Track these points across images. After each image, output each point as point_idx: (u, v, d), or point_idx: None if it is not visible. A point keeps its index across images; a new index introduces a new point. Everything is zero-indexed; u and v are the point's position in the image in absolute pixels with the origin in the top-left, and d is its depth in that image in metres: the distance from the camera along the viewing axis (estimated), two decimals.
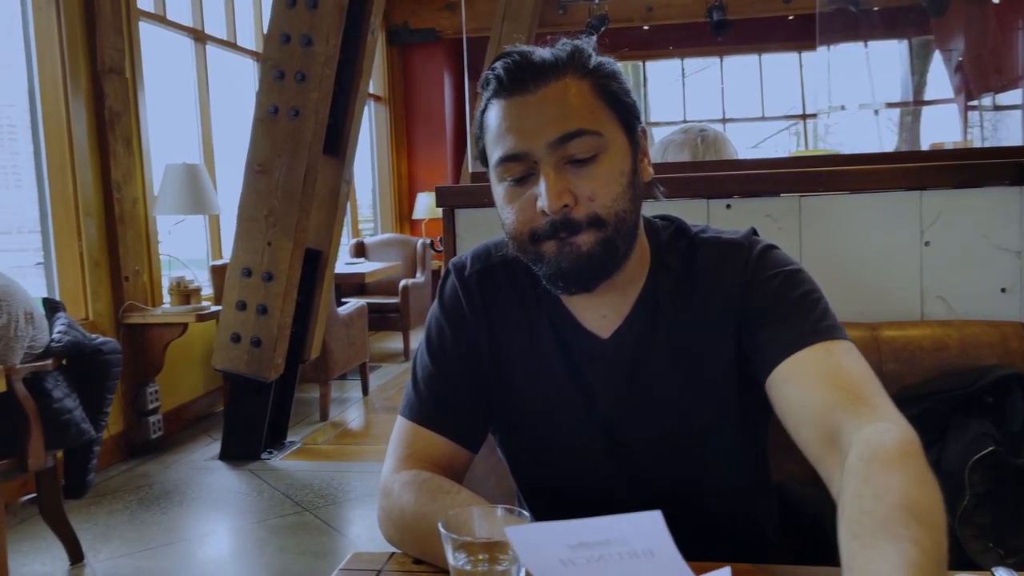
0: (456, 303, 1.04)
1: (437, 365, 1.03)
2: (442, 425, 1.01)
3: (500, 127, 0.91)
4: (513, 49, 0.93)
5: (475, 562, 0.80)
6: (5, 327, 2.51)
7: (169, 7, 4.68)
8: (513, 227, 0.93)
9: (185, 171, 4.11)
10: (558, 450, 1.03)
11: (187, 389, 4.57)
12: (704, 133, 1.77)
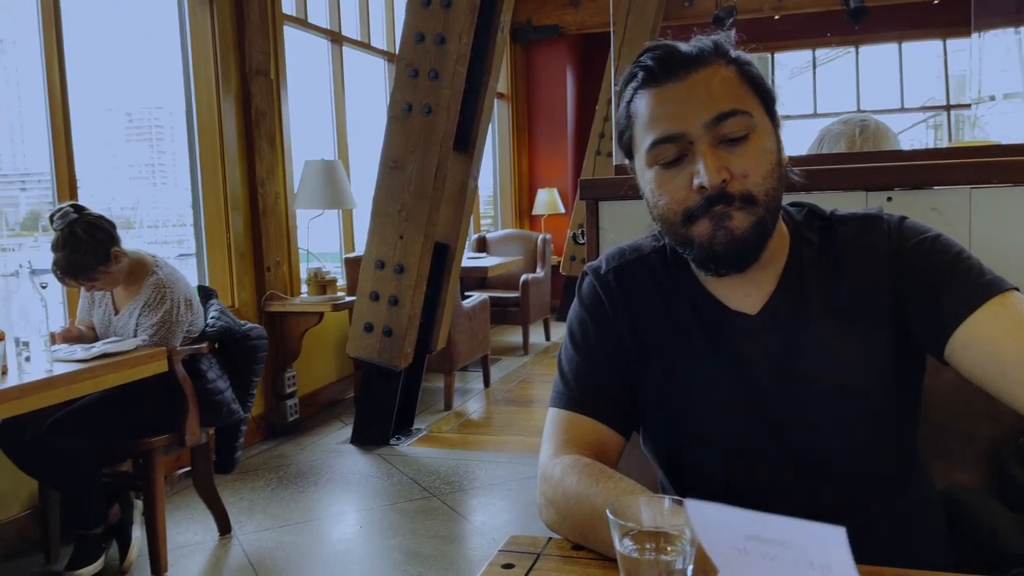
0: (596, 299, 1.08)
1: (583, 356, 1.07)
2: (594, 409, 1.04)
3: (652, 113, 0.95)
4: (657, 43, 0.98)
5: (642, 550, 0.81)
6: (168, 312, 2.71)
7: (310, 11, 4.91)
8: (665, 209, 0.97)
9: (323, 167, 4.31)
10: (711, 433, 1.04)
11: (321, 375, 4.79)
12: (864, 124, 1.69)
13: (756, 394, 1.01)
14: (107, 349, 2.54)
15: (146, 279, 2.72)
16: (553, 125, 8.15)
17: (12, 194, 9.85)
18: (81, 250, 2.54)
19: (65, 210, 2.57)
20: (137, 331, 2.72)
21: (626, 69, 1.00)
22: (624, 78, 1.00)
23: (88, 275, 2.59)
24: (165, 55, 4.10)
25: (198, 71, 4.01)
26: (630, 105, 0.99)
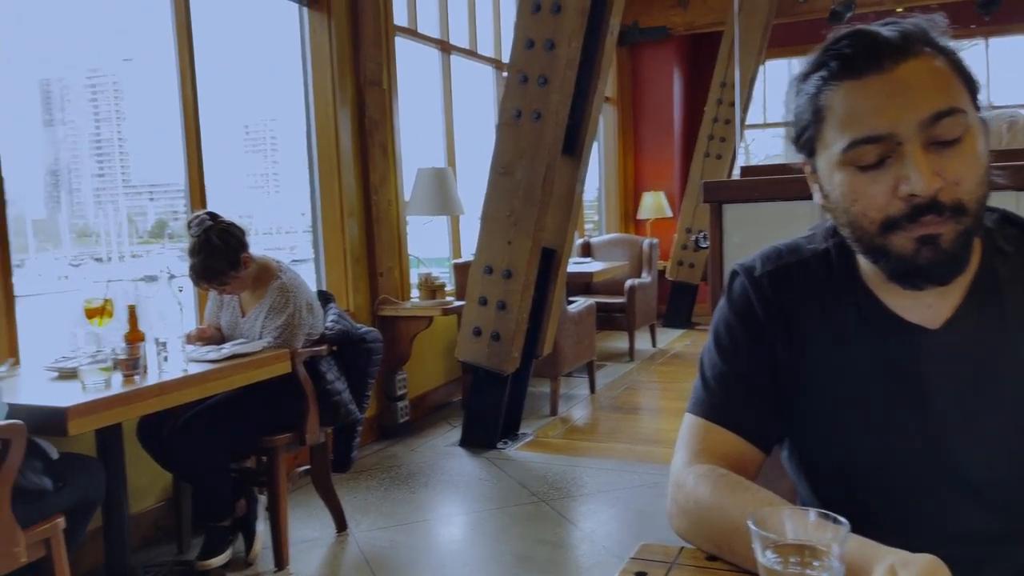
0: (746, 303, 1.02)
1: (728, 363, 1.01)
2: (734, 422, 0.99)
3: (851, 109, 0.86)
4: (854, 28, 0.88)
5: (786, 563, 0.78)
6: (291, 316, 2.82)
7: (420, 21, 5.02)
8: (859, 215, 0.88)
9: (433, 175, 4.40)
10: (870, 456, 0.96)
11: (430, 378, 4.88)
12: (1014, 119, 1.59)
13: (929, 417, 0.92)
14: (236, 350, 2.67)
15: (271, 283, 2.84)
16: (659, 127, 8.05)
17: (141, 204, 10.40)
18: (215, 255, 2.68)
19: (202, 217, 2.73)
20: (262, 333, 2.84)
21: (811, 56, 0.91)
22: (808, 67, 0.91)
23: (220, 279, 2.73)
24: (282, 69, 4.28)
25: (316, 83, 4.17)
26: (817, 99, 0.89)
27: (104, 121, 12.76)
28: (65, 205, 12.37)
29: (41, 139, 10.02)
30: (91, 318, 2.63)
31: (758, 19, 6.35)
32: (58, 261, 11.56)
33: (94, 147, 13.38)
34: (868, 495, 0.97)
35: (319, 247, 4.28)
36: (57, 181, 13.16)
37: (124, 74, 11.34)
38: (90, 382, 2.26)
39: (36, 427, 2.07)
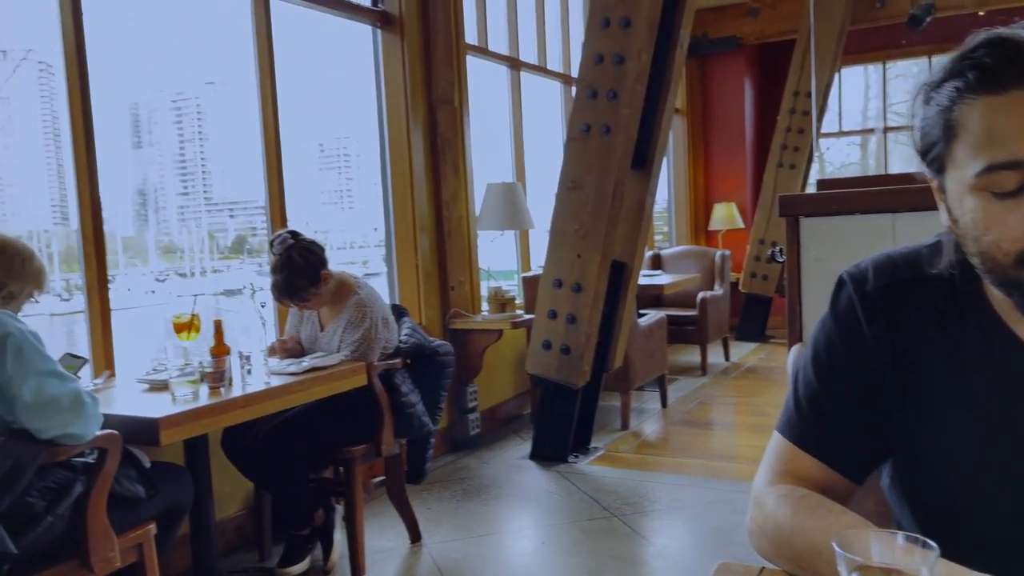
0: (853, 319, 0.94)
1: (824, 384, 0.95)
2: (823, 451, 0.94)
3: (991, 129, 0.78)
4: (994, 34, 0.80)
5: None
6: (368, 330, 2.90)
7: (490, 39, 5.10)
8: (991, 246, 0.81)
9: (503, 189, 4.45)
10: (980, 486, 0.91)
11: (500, 391, 4.92)
12: None
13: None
14: (315, 363, 2.75)
15: (349, 299, 2.92)
16: (730, 138, 7.94)
17: (221, 220, 10.81)
18: (296, 273, 2.78)
19: (283, 236, 2.83)
20: (340, 347, 2.92)
21: (943, 65, 0.83)
22: (941, 74, 0.82)
23: (301, 295, 2.82)
24: (357, 88, 4.40)
25: (390, 102, 4.27)
26: (950, 112, 0.80)
27: (188, 142, 13.28)
28: (152, 223, 12.82)
29: (130, 160, 10.42)
30: (179, 333, 2.75)
31: (833, 25, 6.22)
32: (145, 276, 12.05)
33: (178, 167, 13.90)
34: (972, 525, 0.92)
35: (392, 262, 4.38)
36: (144, 200, 13.75)
37: (207, 96, 11.78)
38: (179, 394, 2.36)
39: (130, 437, 2.18)
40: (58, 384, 1.95)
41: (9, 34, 8.61)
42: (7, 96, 9.77)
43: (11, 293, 2.10)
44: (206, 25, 4.14)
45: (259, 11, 3.55)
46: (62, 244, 9.57)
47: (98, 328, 2.88)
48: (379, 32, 4.26)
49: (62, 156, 10.05)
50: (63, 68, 2.87)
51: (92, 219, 2.91)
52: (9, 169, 11.31)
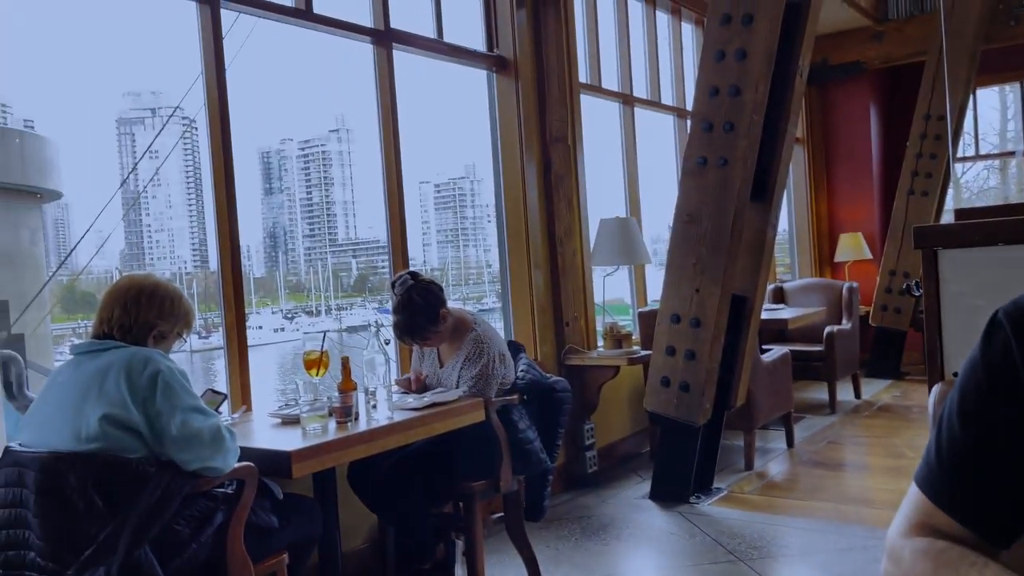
0: (1008, 362, 0.84)
1: (971, 435, 0.86)
2: (963, 512, 0.86)
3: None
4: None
5: None
6: (485, 366, 2.94)
7: (603, 77, 5.14)
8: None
9: (617, 224, 4.44)
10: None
11: (617, 428, 4.85)
12: None
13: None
14: (435, 399, 2.81)
15: (467, 335, 2.98)
16: (855, 166, 7.63)
17: (345, 260, 11.25)
18: (417, 313, 2.86)
19: (404, 277, 2.92)
20: (459, 383, 2.98)
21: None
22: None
23: (422, 334, 2.91)
24: (471, 130, 4.53)
25: (504, 142, 4.37)
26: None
27: (315, 187, 14.07)
28: (281, 263, 13.56)
29: (262, 205, 11.02)
30: (309, 369, 2.88)
31: (965, 45, 5.91)
32: (275, 315, 12.70)
33: (305, 210, 14.73)
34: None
35: (507, 298, 4.43)
36: (275, 242, 14.55)
37: (332, 143, 12.49)
38: (310, 428, 2.47)
39: (264, 469, 2.29)
40: (201, 419, 2.08)
41: (159, 95, 9.28)
42: (156, 150, 10.44)
43: (162, 333, 2.26)
44: (332, 77, 4.39)
45: (382, 62, 3.73)
46: (201, 285, 10.24)
47: (236, 365, 3.06)
48: (494, 76, 4.38)
49: (202, 204, 10.73)
50: (206, 123, 3.11)
51: (231, 262, 3.10)
52: (157, 216, 12.27)
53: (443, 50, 4.11)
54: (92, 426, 2.01)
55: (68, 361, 2.20)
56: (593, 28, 5.07)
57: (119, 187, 12.52)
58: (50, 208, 11.22)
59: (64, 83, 7.46)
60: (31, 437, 2.11)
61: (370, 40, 3.73)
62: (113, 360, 2.09)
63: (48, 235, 11.45)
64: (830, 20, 6.42)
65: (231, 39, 3.19)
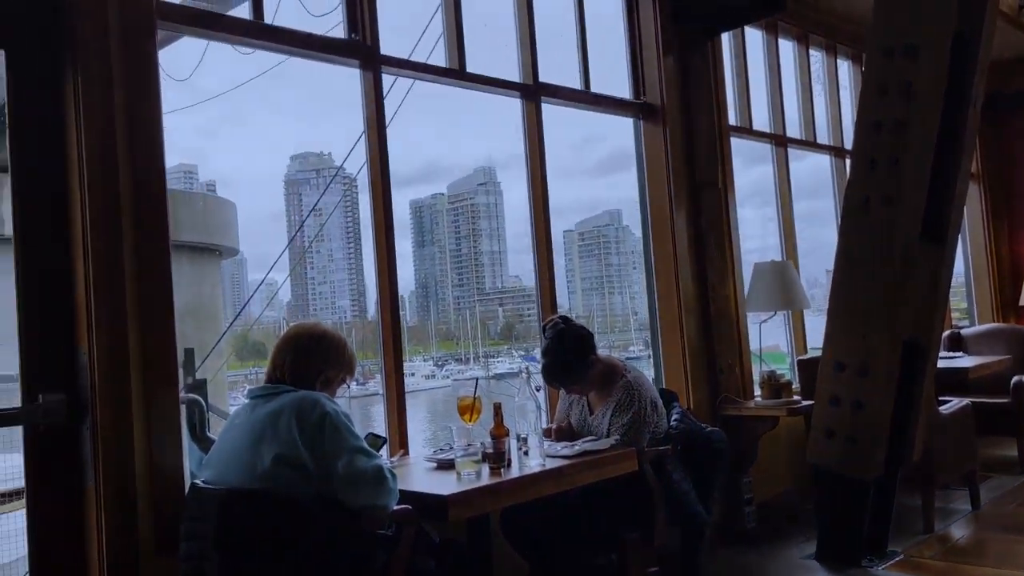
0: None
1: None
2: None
3: None
4: None
5: None
6: (636, 413, 2.89)
7: (754, 119, 5.02)
8: None
9: (772, 269, 4.27)
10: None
11: (777, 481, 4.60)
12: None
13: None
14: (586, 447, 2.78)
15: (618, 382, 2.94)
16: None
17: (492, 309, 11.50)
18: (567, 358, 2.87)
19: (555, 321, 2.94)
20: (610, 431, 2.94)
21: None
22: None
23: (571, 379, 2.90)
24: (616, 176, 4.53)
25: (652, 188, 4.34)
26: None
27: (463, 238, 14.53)
28: (432, 312, 14.02)
29: (414, 257, 11.44)
30: (463, 415, 2.93)
31: None
32: (426, 362, 13.12)
33: (454, 261, 15.18)
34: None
35: (657, 345, 4.35)
36: (426, 292, 15.09)
37: (480, 196, 12.88)
38: (464, 473, 2.50)
39: (420, 512, 2.33)
40: (365, 460, 2.16)
41: (323, 157, 10.00)
42: (320, 208, 11.23)
43: (328, 378, 2.39)
44: (479, 132, 4.55)
45: (531, 116, 3.82)
46: (360, 334, 10.71)
47: (394, 410, 3.16)
48: (640, 122, 4.38)
49: (361, 257, 11.29)
50: (367, 180, 3.29)
51: (391, 311, 3.23)
52: (320, 270, 13.05)
53: (590, 100, 4.16)
54: (266, 465, 2.13)
55: (245, 404, 2.36)
56: (742, 70, 4.98)
57: (287, 244, 13.29)
58: (227, 264, 12.23)
59: (240, 148, 8.13)
60: (213, 475, 2.26)
61: (519, 95, 3.84)
62: (285, 403, 2.21)
63: (226, 288, 12.46)
64: (1002, 45, 5.97)
65: (388, 100, 3.37)
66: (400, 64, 3.37)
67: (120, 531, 2.32)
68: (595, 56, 4.22)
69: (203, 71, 4.57)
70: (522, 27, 3.85)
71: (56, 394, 2.29)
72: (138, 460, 2.37)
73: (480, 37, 3.78)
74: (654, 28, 4.31)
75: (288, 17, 3.09)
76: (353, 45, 3.21)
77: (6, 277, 2.33)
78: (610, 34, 4.51)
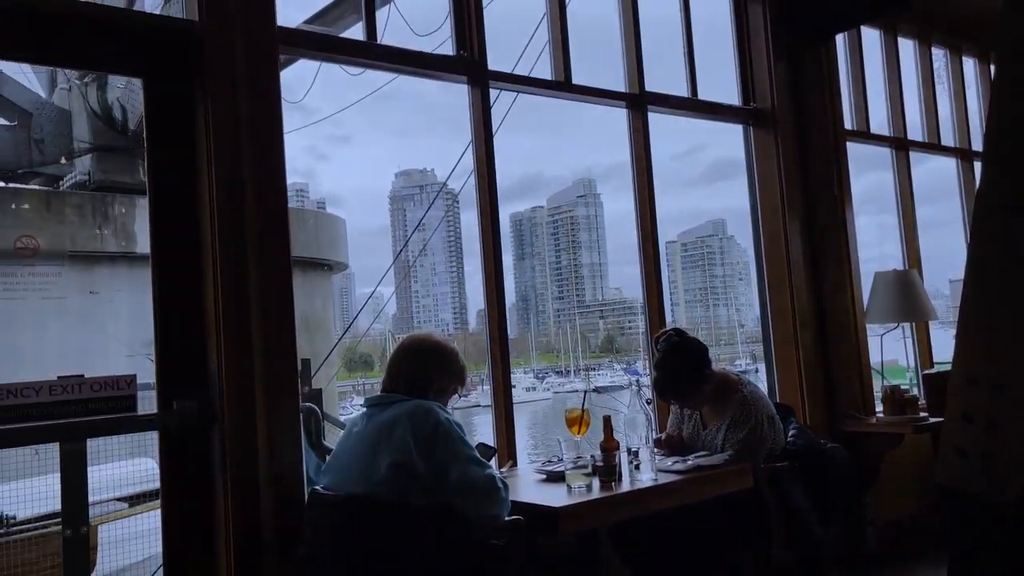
0: None
1: None
2: None
3: None
4: None
5: None
6: (752, 429, 2.79)
7: (872, 121, 4.80)
8: None
9: (895, 278, 4.07)
10: None
11: (901, 503, 4.35)
12: None
13: None
14: (700, 462, 2.71)
15: (733, 396, 2.86)
16: None
17: (593, 321, 11.57)
18: (679, 371, 2.81)
19: (669, 334, 2.89)
20: (724, 446, 2.85)
21: None
22: None
23: (684, 394, 2.84)
24: (719, 185, 4.42)
25: (763, 196, 4.21)
26: None
27: (563, 250, 14.67)
28: (532, 325, 14.11)
29: (515, 270, 11.64)
30: (571, 427, 2.91)
31: None
32: (526, 374, 13.31)
33: (554, 273, 15.33)
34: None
35: (770, 359, 4.20)
36: (526, 305, 15.23)
37: (580, 208, 13.02)
38: (575, 486, 2.48)
39: (531, 524, 2.32)
40: (478, 469, 2.17)
41: (426, 173, 10.27)
42: (423, 224, 11.61)
43: (441, 388, 2.42)
44: (581, 143, 4.54)
45: (636, 126, 3.79)
46: (461, 346, 10.87)
47: (502, 421, 3.18)
48: (750, 129, 4.26)
49: (462, 271, 11.55)
50: (475, 194, 3.33)
51: (498, 323, 3.26)
52: (424, 283, 13.37)
53: (698, 108, 4.09)
54: (382, 472, 2.18)
55: (362, 412, 2.42)
56: (859, 72, 4.78)
57: (394, 259, 13.72)
58: (337, 278, 12.67)
59: (347, 166, 8.42)
60: (332, 481, 2.33)
61: (624, 104, 3.81)
62: (400, 412, 2.26)
63: (335, 302, 12.90)
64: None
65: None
66: (507, 78, 3.41)
67: (245, 531, 2.42)
68: (700, 62, 4.14)
69: (312, 93, 4.76)
70: (627, 35, 3.82)
71: (189, 400, 2.41)
72: (261, 464, 2.46)
73: (583, 47, 3.78)
74: (763, 31, 4.19)
75: (393, 37, 3.18)
76: (462, 61, 3.27)
77: (139, 292, 2.49)
78: (715, 39, 4.43)
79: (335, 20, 4.35)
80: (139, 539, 4.28)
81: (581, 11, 3.84)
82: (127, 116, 7.81)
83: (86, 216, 6.72)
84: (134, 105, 7.69)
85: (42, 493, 3.97)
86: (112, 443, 3.95)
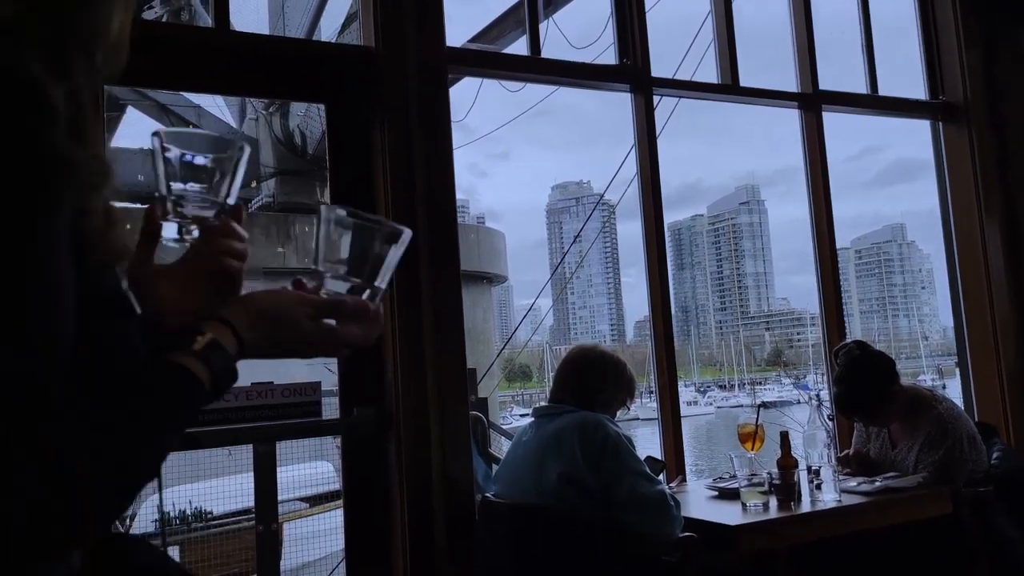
0: None
1: None
2: None
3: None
4: None
5: None
6: (949, 450, 2.55)
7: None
8: None
9: None
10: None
11: None
12: None
13: None
14: (889, 484, 2.52)
15: (926, 414, 2.63)
16: None
17: (758, 333, 11.21)
18: (861, 387, 2.62)
19: (849, 347, 2.71)
20: (916, 467, 2.63)
21: None
22: None
23: (869, 410, 2.65)
24: (898, 187, 4.10)
25: (955, 196, 3.87)
26: None
27: (724, 260, 14.44)
28: (693, 337, 14.21)
29: (673, 280, 11.58)
30: (744, 442, 2.79)
31: None
32: (687, 388, 13.28)
33: (716, 284, 15.19)
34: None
35: (967, 373, 3.84)
36: (686, 316, 15.17)
37: (742, 216, 12.69)
38: (751, 504, 2.37)
39: (704, 542, 2.24)
40: (648, 485, 2.12)
41: (582, 185, 10.37)
42: (580, 236, 11.80)
43: (608, 399, 2.39)
44: (742, 147, 4.37)
45: (810, 127, 3.59)
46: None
47: (669, 433, 3.09)
48: (939, 125, 3.94)
49: (618, 282, 11.62)
50: (639, 204, 3.28)
51: (664, 333, 3.18)
52: (580, 295, 13.54)
53: (878, 104, 3.82)
54: (551, 482, 2.18)
55: (531, 422, 2.44)
56: None
57: (552, 272, 13.92)
58: (496, 291, 12.97)
59: (505, 181, 8.64)
60: (502, 489, 2.36)
61: (796, 105, 3.63)
62: (568, 423, 2.25)
63: (495, 314, 13.24)
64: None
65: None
66: (671, 84, 3.34)
67: (419, 535, 2.49)
68: (878, 56, 3.87)
69: (472, 112, 4.88)
70: (799, 33, 3.64)
71: (367, 408, 2.52)
72: (435, 469, 2.53)
73: (748, 48, 3.64)
74: (953, 19, 3.86)
75: (549, 51, 3.19)
76: (624, 69, 3.24)
77: None
78: (892, 32, 4.13)
79: (495, 39, 4.45)
80: (318, 538, 4.54)
81: (744, 11, 3.70)
82: (306, 141, 8.39)
83: (271, 236, 7.26)
84: (312, 131, 8.25)
85: (233, 491, 4.31)
86: (293, 447, 4.22)
